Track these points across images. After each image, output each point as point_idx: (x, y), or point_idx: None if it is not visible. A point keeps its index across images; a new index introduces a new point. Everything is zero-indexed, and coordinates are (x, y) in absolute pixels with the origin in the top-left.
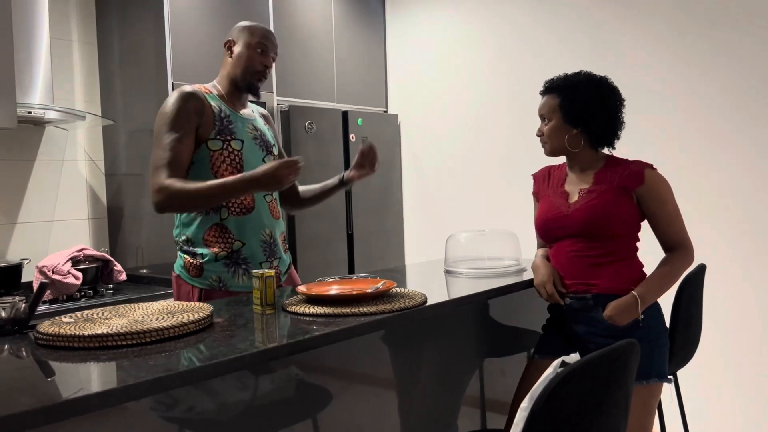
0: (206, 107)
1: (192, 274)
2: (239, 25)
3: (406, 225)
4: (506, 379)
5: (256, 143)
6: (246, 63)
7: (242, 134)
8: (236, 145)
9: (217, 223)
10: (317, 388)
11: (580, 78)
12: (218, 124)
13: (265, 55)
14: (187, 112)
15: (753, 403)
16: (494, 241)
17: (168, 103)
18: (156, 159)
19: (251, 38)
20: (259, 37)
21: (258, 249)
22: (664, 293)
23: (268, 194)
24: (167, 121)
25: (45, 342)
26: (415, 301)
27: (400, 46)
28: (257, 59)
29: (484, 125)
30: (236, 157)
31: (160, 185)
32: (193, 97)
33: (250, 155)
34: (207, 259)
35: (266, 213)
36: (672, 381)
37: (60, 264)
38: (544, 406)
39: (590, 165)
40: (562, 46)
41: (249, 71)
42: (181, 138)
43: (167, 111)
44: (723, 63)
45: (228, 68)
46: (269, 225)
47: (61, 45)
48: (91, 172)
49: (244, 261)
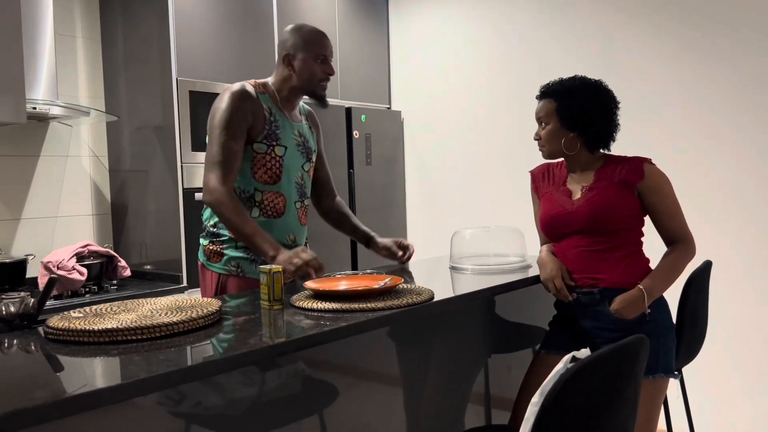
0: (258, 108)
1: (212, 260)
2: (292, 36)
3: (410, 222)
4: (511, 375)
5: (299, 150)
6: (310, 77)
7: (287, 140)
8: (279, 151)
9: None
10: (323, 384)
11: (576, 83)
12: (267, 128)
13: (326, 63)
14: (243, 113)
15: (758, 398)
16: (499, 238)
17: (224, 100)
18: (210, 155)
19: (310, 51)
20: (318, 48)
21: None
22: (669, 286)
23: (299, 201)
24: (224, 119)
25: (55, 336)
26: (423, 296)
27: (404, 43)
28: (320, 70)
29: (487, 122)
30: (277, 163)
31: (212, 189)
32: (249, 98)
33: (291, 161)
34: (228, 245)
35: (294, 219)
36: (678, 376)
37: (65, 260)
38: (555, 400)
39: (589, 165)
40: (565, 43)
41: (313, 83)
42: (236, 138)
43: (223, 108)
44: (724, 63)
45: (286, 79)
46: (295, 230)
47: (65, 41)
48: (95, 168)
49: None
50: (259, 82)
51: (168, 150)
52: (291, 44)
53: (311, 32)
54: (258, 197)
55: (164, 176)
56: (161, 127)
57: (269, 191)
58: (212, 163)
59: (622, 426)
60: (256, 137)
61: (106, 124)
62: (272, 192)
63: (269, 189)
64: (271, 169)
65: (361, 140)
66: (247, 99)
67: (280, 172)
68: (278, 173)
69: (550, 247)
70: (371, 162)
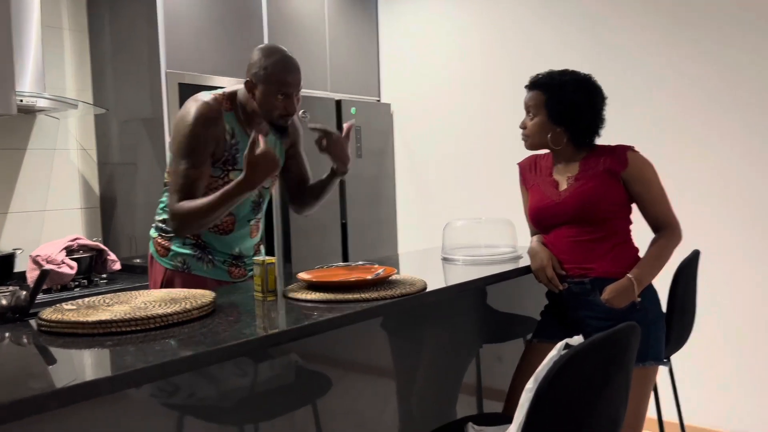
0: (222, 134)
1: (160, 253)
2: (258, 62)
3: (399, 214)
4: (503, 365)
5: None
6: (269, 111)
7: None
8: (234, 176)
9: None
10: (317, 375)
11: (567, 78)
12: (226, 153)
13: (289, 100)
14: (205, 140)
15: (745, 385)
16: (490, 229)
17: (188, 121)
18: (172, 184)
19: (270, 86)
20: (279, 84)
21: (228, 259)
22: (657, 273)
23: (253, 218)
24: (186, 145)
25: (49, 329)
26: (416, 287)
27: (393, 35)
28: (279, 106)
29: (477, 114)
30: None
31: (173, 212)
32: (213, 123)
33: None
34: (174, 240)
35: (244, 234)
36: (668, 364)
37: (54, 253)
38: (548, 387)
39: (573, 156)
40: (556, 36)
41: (272, 117)
42: (198, 166)
43: (186, 133)
44: (715, 51)
45: (249, 100)
46: (242, 244)
47: (52, 33)
48: (83, 161)
49: (213, 259)
50: (227, 94)
51: (157, 142)
52: (254, 73)
53: (276, 66)
54: None
55: (153, 169)
56: (150, 119)
57: None
58: (176, 191)
59: (614, 411)
60: (214, 162)
61: (94, 117)
62: None
63: None
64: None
65: (351, 133)
66: (211, 125)
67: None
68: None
69: (540, 237)
70: (361, 154)
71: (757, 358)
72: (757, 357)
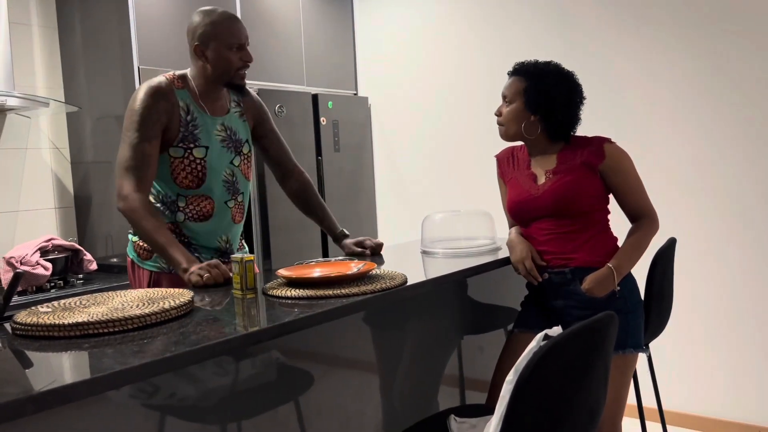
0: (175, 108)
1: (142, 256)
2: (201, 24)
3: (379, 208)
4: (484, 356)
5: (224, 146)
6: (225, 67)
7: (207, 139)
8: (199, 153)
9: (173, 222)
10: (298, 371)
11: (550, 68)
12: (183, 130)
13: (243, 50)
14: (157, 113)
15: (722, 371)
16: (469, 221)
17: (137, 98)
18: (122, 159)
19: (222, 40)
20: (230, 37)
21: (211, 253)
22: (636, 262)
23: (231, 200)
24: (136, 119)
25: (24, 332)
26: (396, 281)
27: (369, 28)
28: (236, 59)
29: (453, 107)
30: (198, 165)
31: (125, 195)
32: (163, 97)
33: (215, 161)
34: None
35: (227, 219)
36: (647, 351)
37: (28, 255)
38: (529, 378)
39: (549, 149)
40: (532, 28)
41: (230, 74)
42: (149, 139)
43: (136, 108)
44: (685, 46)
45: (205, 72)
46: (227, 231)
47: (19, 30)
48: (56, 160)
49: (196, 250)
50: (177, 75)
51: None
52: (200, 33)
53: (221, 19)
54: (182, 202)
55: None
56: (123, 116)
57: (193, 195)
58: (124, 168)
59: (594, 400)
60: (171, 141)
61: (66, 115)
62: (197, 196)
63: (193, 193)
64: (192, 173)
65: (329, 127)
66: (161, 98)
67: (203, 175)
68: (201, 176)
69: (518, 229)
70: (339, 149)
71: (731, 342)
72: (732, 342)
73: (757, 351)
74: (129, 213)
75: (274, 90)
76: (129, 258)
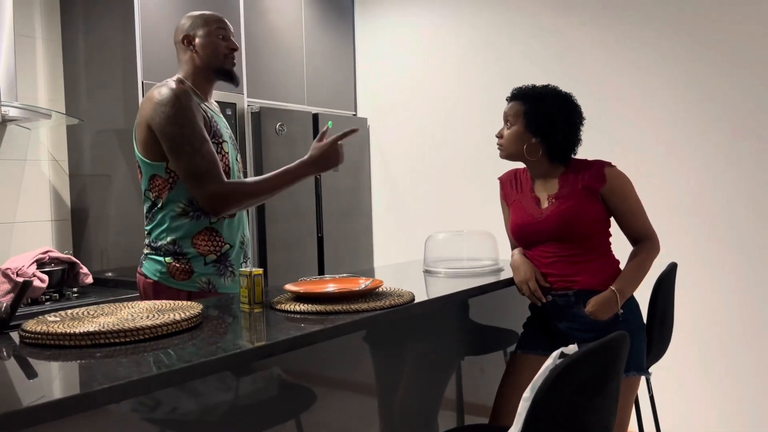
0: (198, 105)
1: (179, 278)
2: (190, 18)
3: (375, 227)
4: (485, 377)
5: (232, 142)
6: (213, 52)
7: (225, 134)
8: (226, 147)
9: (207, 227)
10: (300, 388)
11: (548, 91)
12: (210, 126)
13: (228, 39)
14: (197, 112)
15: (720, 395)
16: (472, 241)
17: (170, 104)
18: (194, 167)
19: (209, 27)
20: (216, 23)
21: (239, 251)
22: (638, 285)
23: None
24: (187, 126)
25: (33, 341)
26: (404, 298)
27: (369, 49)
28: (223, 45)
29: (453, 128)
30: (225, 160)
31: (219, 193)
32: (190, 96)
33: (232, 156)
34: (196, 261)
35: (243, 215)
36: (650, 374)
37: (25, 266)
38: (545, 395)
39: (550, 172)
40: (528, 50)
41: (219, 58)
42: (208, 138)
43: (178, 113)
44: (682, 67)
45: (194, 62)
46: (244, 227)
47: (24, 42)
48: (54, 172)
49: (231, 264)
50: (175, 79)
51: (131, 154)
52: (188, 26)
53: (208, 13)
54: None
55: (126, 181)
56: (124, 130)
57: None
58: (204, 171)
59: (606, 419)
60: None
61: (66, 128)
62: None
63: None
64: (224, 169)
65: None
66: (190, 98)
67: (228, 171)
68: (228, 171)
69: (521, 250)
70: (337, 168)
71: (732, 368)
72: (730, 366)
73: (752, 376)
74: (233, 196)
75: (275, 108)
76: (151, 280)
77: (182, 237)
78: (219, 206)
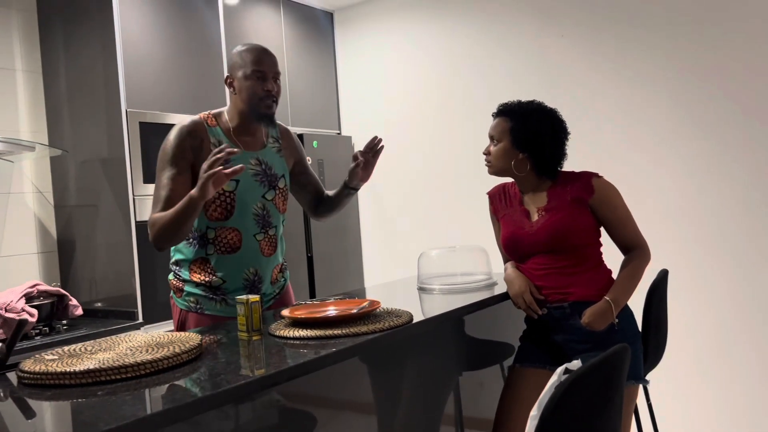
0: (204, 144)
1: (177, 295)
2: (233, 55)
3: (364, 245)
4: (484, 392)
5: (257, 179)
6: (248, 95)
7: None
8: (228, 187)
9: (202, 257)
10: (301, 413)
11: (534, 107)
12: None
13: (265, 81)
14: (182, 150)
15: (716, 401)
16: (465, 257)
17: (168, 139)
18: (154, 198)
19: (245, 68)
20: (253, 65)
21: (239, 285)
22: (632, 293)
23: (260, 233)
24: (165, 159)
25: (33, 381)
26: (403, 319)
27: (351, 68)
28: (258, 88)
29: (435, 145)
30: (227, 199)
31: (149, 222)
32: (191, 135)
33: (246, 194)
34: (187, 281)
35: (254, 251)
36: (648, 382)
37: (13, 301)
38: (553, 411)
39: (539, 186)
40: (510, 66)
41: (253, 102)
42: (177, 175)
43: (167, 148)
44: (672, 76)
45: (236, 103)
46: (255, 263)
47: (3, 74)
48: (39, 204)
49: (223, 292)
50: (212, 114)
51: (117, 183)
52: (230, 65)
53: (248, 49)
54: (211, 234)
55: (113, 210)
56: (109, 159)
57: (221, 227)
58: (156, 201)
59: (612, 430)
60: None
61: (50, 159)
62: (225, 228)
63: (221, 225)
64: (221, 205)
65: (314, 166)
66: (188, 136)
67: (232, 208)
68: (230, 209)
69: (514, 264)
70: (325, 186)
71: (725, 371)
72: (726, 370)
73: (747, 380)
74: (153, 227)
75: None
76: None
77: (183, 260)
78: (150, 233)
